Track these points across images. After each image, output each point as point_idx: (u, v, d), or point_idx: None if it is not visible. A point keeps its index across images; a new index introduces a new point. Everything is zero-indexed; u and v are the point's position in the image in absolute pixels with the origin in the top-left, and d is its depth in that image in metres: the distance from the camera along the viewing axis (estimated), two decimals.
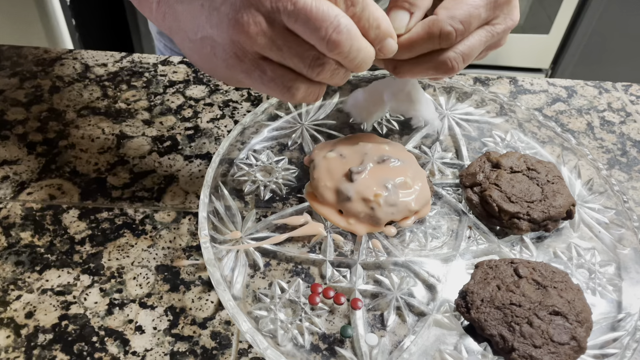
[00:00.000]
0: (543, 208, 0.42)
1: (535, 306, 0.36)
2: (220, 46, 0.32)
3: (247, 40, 0.31)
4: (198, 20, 0.32)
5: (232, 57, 0.32)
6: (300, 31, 0.30)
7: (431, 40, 0.37)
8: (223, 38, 0.31)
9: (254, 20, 0.30)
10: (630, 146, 0.53)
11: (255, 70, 0.32)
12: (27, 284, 0.38)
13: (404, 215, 0.41)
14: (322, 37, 0.30)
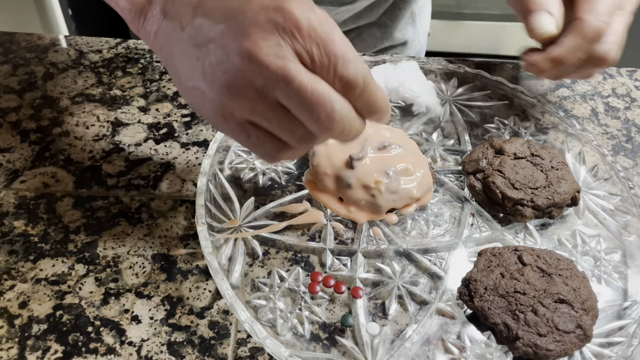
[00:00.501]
0: (547, 195, 0.41)
1: (539, 294, 0.35)
2: (210, 102, 0.30)
3: (236, 106, 0.29)
4: (192, 69, 0.30)
5: (219, 116, 0.30)
6: (293, 109, 0.29)
7: (586, 42, 0.41)
8: (213, 97, 0.30)
9: (246, 90, 0.28)
10: (635, 132, 0.52)
11: (241, 132, 0.30)
12: (20, 273, 0.38)
13: (406, 202, 0.40)
14: (315, 120, 0.29)
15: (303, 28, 0.28)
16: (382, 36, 0.69)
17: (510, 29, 1.75)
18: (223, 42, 0.28)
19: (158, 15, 0.32)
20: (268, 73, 0.27)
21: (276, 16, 0.27)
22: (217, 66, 0.29)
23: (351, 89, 0.29)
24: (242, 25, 0.28)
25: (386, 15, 0.68)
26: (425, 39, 0.77)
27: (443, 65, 0.53)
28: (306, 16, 0.28)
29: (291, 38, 0.27)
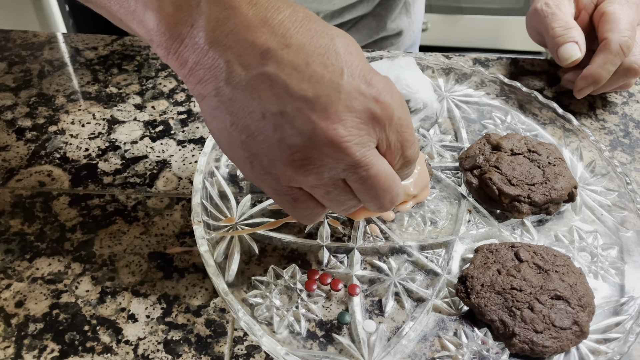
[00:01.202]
0: (544, 191, 0.41)
1: (536, 291, 0.35)
2: (261, 164, 0.28)
3: (299, 179, 0.28)
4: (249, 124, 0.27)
5: (271, 178, 0.29)
6: (359, 191, 0.30)
7: (614, 56, 0.48)
8: (271, 162, 0.28)
9: (319, 170, 0.28)
10: (633, 127, 0.52)
11: (286, 195, 0.30)
12: (17, 272, 0.38)
13: (403, 199, 0.40)
14: (378, 202, 0.30)
15: (394, 120, 0.28)
16: (377, 26, 0.69)
17: (509, 23, 1.75)
18: (308, 116, 0.26)
19: (201, 43, 0.27)
20: (349, 160, 0.27)
21: (374, 106, 0.27)
22: (292, 137, 0.27)
23: (407, 167, 0.31)
24: (336, 106, 0.26)
25: (381, 5, 0.68)
26: (419, 29, 0.77)
27: (440, 61, 0.53)
28: (398, 109, 0.28)
29: (382, 129, 0.28)
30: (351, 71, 0.27)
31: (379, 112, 0.27)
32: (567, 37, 0.49)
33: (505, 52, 1.78)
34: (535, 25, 0.53)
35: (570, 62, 0.50)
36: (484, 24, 1.78)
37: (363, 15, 0.68)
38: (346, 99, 0.26)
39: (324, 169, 0.28)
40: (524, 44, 1.78)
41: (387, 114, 0.27)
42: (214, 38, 0.26)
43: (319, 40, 0.26)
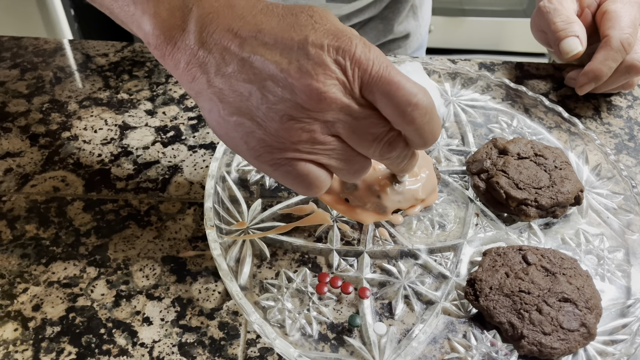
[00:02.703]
0: (551, 194, 0.42)
1: (544, 293, 0.36)
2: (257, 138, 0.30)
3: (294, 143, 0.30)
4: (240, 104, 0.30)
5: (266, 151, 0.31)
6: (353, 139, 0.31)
7: (615, 53, 0.48)
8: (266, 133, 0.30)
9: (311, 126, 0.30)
10: (637, 130, 0.52)
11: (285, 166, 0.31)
12: (33, 276, 0.38)
13: (411, 203, 0.41)
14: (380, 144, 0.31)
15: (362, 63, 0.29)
16: (385, 29, 0.70)
17: (512, 24, 1.75)
18: (286, 80, 0.29)
19: (192, 45, 0.30)
20: (334, 105, 0.29)
21: (339, 57, 0.29)
22: (278, 104, 0.29)
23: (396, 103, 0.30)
24: (306, 66, 0.29)
25: (388, 8, 0.69)
26: (426, 31, 0.78)
27: (446, 66, 0.53)
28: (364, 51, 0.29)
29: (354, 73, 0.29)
30: (315, 34, 0.29)
31: (344, 62, 0.29)
32: (569, 31, 0.50)
33: (508, 54, 1.79)
34: (538, 23, 0.54)
35: (571, 55, 0.50)
36: (487, 26, 1.78)
37: (370, 18, 0.69)
38: (314, 56, 0.29)
39: (315, 124, 0.30)
40: (526, 45, 1.78)
41: (353, 59, 0.29)
42: (202, 39, 0.30)
43: (285, 19, 0.30)
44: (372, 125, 0.30)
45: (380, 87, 0.29)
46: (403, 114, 0.29)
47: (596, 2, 0.53)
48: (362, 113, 0.30)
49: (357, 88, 0.29)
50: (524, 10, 1.77)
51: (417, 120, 0.30)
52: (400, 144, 0.32)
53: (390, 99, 0.29)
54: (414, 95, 0.29)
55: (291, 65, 0.29)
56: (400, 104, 0.29)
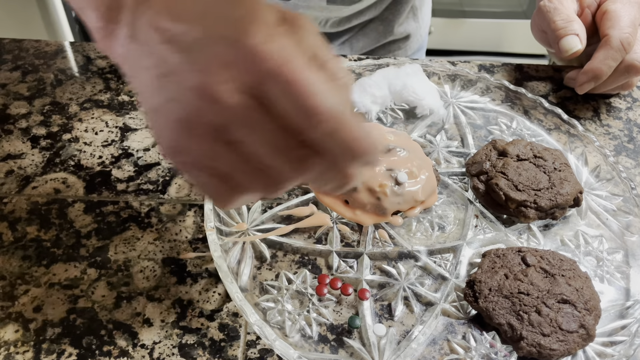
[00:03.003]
0: (550, 196, 0.42)
1: (543, 295, 0.36)
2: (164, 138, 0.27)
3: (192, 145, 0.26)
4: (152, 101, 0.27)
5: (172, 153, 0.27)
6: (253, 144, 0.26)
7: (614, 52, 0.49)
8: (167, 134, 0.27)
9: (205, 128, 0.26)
10: (637, 132, 0.52)
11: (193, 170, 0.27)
12: (34, 278, 0.38)
13: (411, 205, 0.41)
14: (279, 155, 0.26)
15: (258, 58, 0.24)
16: (385, 30, 0.70)
17: (511, 26, 1.76)
18: (180, 75, 0.26)
19: (125, 37, 0.29)
20: (226, 108, 0.25)
21: (231, 50, 0.25)
22: (173, 102, 0.26)
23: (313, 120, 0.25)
24: (199, 57, 0.25)
25: (388, 10, 0.69)
26: (426, 33, 0.78)
27: (446, 68, 0.54)
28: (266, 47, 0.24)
29: (247, 72, 0.25)
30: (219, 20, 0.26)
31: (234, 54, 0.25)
32: (568, 30, 0.50)
33: (508, 55, 1.79)
34: (538, 23, 0.55)
35: (570, 53, 0.50)
36: (487, 28, 1.78)
37: (371, 19, 0.69)
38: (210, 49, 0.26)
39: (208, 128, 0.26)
40: (526, 47, 1.79)
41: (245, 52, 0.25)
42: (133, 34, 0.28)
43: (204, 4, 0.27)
44: (275, 134, 0.25)
45: (277, 86, 0.24)
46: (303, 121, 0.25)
47: (596, 2, 0.53)
48: (262, 117, 0.25)
49: (254, 87, 0.25)
50: (524, 11, 1.77)
51: (318, 127, 0.24)
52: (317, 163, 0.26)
53: (288, 101, 0.24)
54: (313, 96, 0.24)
55: (187, 61, 0.25)
56: (297, 109, 0.24)
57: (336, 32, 0.68)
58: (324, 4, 0.61)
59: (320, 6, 0.62)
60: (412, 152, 0.43)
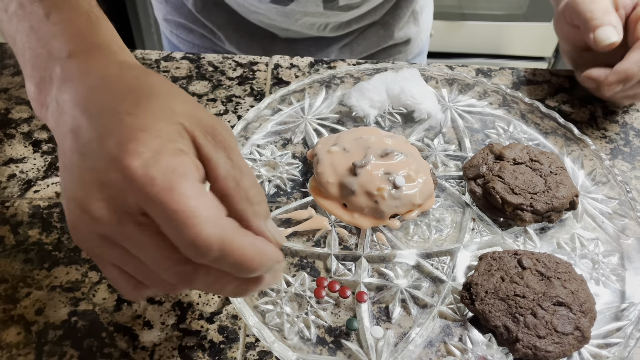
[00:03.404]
0: (546, 199, 0.42)
1: (539, 297, 0.36)
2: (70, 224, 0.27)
3: None
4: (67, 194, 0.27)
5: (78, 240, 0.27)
6: None
7: None
8: None
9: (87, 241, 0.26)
10: (633, 136, 0.53)
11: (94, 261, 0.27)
12: (36, 281, 0.39)
13: (408, 208, 0.42)
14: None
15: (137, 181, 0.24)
16: (385, 35, 0.71)
17: (511, 28, 1.76)
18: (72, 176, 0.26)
19: (54, 110, 0.29)
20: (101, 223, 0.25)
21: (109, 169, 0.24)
22: (68, 200, 0.26)
23: None
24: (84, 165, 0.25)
25: (389, 14, 0.69)
26: (427, 37, 0.79)
27: (444, 72, 0.54)
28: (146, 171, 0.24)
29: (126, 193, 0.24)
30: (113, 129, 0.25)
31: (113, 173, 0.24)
32: (605, 20, 0.48)
33: (508, 58, 1.79)
34: (568, 16, 0.52)
35: (606, 44, 0.48)
36: (487, 30, 1.79)
37: (371, 23, 0.69)
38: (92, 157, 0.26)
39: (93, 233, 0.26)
40: (526, 49, 1.79)
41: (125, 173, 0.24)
42: (54, 114, 0.29)
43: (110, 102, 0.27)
44: (154, 250, 0.25)
45: (158, 213, 0.23)
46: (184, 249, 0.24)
47: (632, 3, 0.51)
48: (138, 235, 0.25)
49: (133, 206, 0.24)
50: (524, 14, 1.77)
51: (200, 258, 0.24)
52: (201, 276, 0.25)
53: (168, 229, 0.24)
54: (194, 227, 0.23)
55: (80, 157, 0.25)
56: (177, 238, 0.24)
57: (336, 37, 0.69)
58: (321, 9, 0.62)
59: (318, 12, 0.62)
60: (409, 156, 0.43)
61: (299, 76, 0.56)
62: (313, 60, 0.58)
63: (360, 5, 0.64)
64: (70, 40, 0.31)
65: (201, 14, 0.68)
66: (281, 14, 0.63)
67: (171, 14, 0.71)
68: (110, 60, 0.31)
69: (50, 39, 0.31)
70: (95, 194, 0.25)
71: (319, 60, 0.58)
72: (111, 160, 0.24)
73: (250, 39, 0.68)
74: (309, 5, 0.61)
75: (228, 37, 0.69)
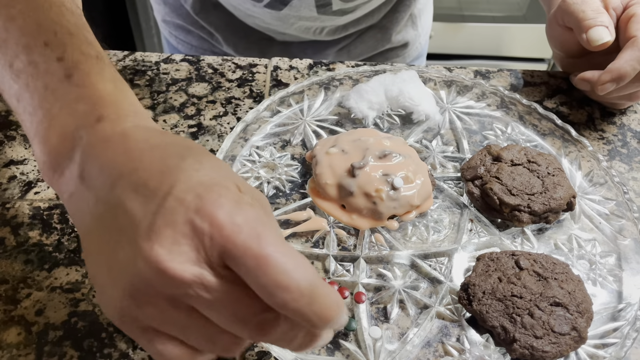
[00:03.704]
0: (544, 200, 0.42)
1: (536, 297, 0.36)
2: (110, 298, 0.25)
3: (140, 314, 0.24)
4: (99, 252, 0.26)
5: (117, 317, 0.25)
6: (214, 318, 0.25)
7: None
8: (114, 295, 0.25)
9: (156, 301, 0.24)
10: (631, 137, 0.53)
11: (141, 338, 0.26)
12: (36, 282, 0.39)
13: (406, 209, 0.42)
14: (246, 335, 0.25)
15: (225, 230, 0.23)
16: (383, 38, 0.71)
17: (511, 30, 1.76)
18: (132, 236, 0.24)
19: (75, 177, 0.27)
20: (178, 281, 0.23)
21: (194, 216, 0.23)
22: (126, 265, 0.24)
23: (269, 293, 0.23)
24: (157, 223, 0.24)
25: (386, 18, 0.69)
26: (426, 40, 0.79)
27: (442, 74, 0.54)
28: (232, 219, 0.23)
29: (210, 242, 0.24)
30: (185, 184, 0.24)
31: (200, 222, 0.23)
32: (598, 21, 0.49)
33: (507, 59, 1.80)
34: (560, 18, 0.53)
35: (599, 44, 0.48)
36: (487, 32, 1.79)
37: (368, 27, 0.69)
38: (168, 213, 0.24)
39: (161, 299, 0.24)
40: (526, 51, 1.79)
41: (213, 222, 0.23)
42: (83, 174, 0.27)
43: (168, 160, 0.26)
44: (235, 303, 0.24)
45: (246, 261, 0.23)
46: (272, 297, 0.23)
47: (622, 5, 0.52)
48: (221, 287, 0.24)
49: (216, 257, 0.24)
50: (523, 16, 1.78)
51: (289, 304, 0.23)
52: (280, 324, 0.25)
53: (256, 277, 0.23)
54: (285, 273, 0.23)
55: (144, 219, 0.24)
56: (267, 285, 0.23)
57: (333, 40, 0.69)
58: (315, 14, 0.62)
59: (312, 16, 0.62)
60: (407, 158, 0.44)
61: (298, 78, 0.56)
62: (312, 62, 0.58)
63: (355, 10, 0.64)
64: (99, 104, 0.29)
65: (199, 15, 0.68)
66: (276, 18, 0.63)
67: (170, 16, 0.72)
68: (146, 125, 0.29)
69: (72, 102, 0.29)
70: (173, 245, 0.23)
71: (317, 62, 0.58)
72: (195, 212, 0.23)
73: (248, 42, 0.68)
74: (303, 9, 0.61)
75: (226, 39, 0.69)
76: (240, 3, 0.63)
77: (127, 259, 0.24)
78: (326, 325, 0.24)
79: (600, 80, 0.48)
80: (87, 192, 0.26)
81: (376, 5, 0.66)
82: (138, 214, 0.24)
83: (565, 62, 0.57)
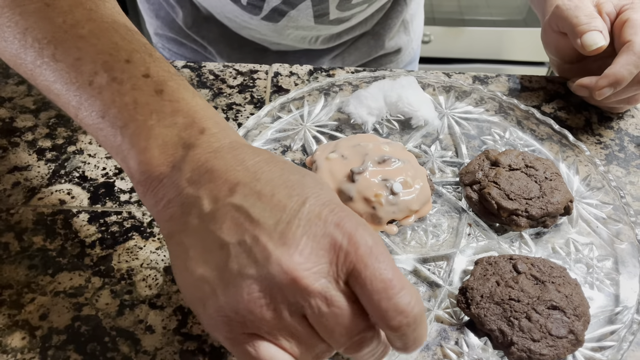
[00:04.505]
0: (541, 205, 0.43)
1: (533, 301, 0.37)
2: (216, 303, 0.26)
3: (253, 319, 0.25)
4: (207, 257, 0.26)
5: (222, 322, 0.26)
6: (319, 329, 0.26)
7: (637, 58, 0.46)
8: (226, 300, 0.25)
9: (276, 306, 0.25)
10: (628, 141, 0.53)
11: (242, 345, 0.26)
12: (40, 286, 0.40)
13: (405, 214, 0.42)
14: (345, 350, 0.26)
15: (360, 249, 0.25)
16: (376, 44, 0.71)
17: (511, 34, 1.77)
18: (265, 245, 0.25)
19: (179, 183, 0.27)
20: (306, 291, 0.24)
21: (335, 232, 0.25)
22: (249, 268, 0.25)
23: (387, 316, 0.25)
24: (293, 232, 0.24)
25: (379, 24, 0.70)
26: (419, 45, 0.79)
27: (440, 79, 0.55)
28: (366, 238, 0.25)
29: (346, 258, 0.25)
30: (316, 200, 0.26)
31: (340, 238, 0.25)
32: (592, 26, 0.49)
33: (507, 63, 1.80)
34: (554, 23, 0.53)
35: (594, 49, 0.49)
36: (487, 36, 1.80)
37: (361, 34, 0.70)
38: (305, 224, 0.25)
39: (283, 304, 0.25)
40: (526, 54, 1.80)
41: (351, 240, 0.25)
42: (193, 178, 0.27)
43: (289, 175, 0.27)
44: (347, 319, 0.25)
45: (373, 283, 0.24)
46: (389, 320, 0.25)
47: (616, 10, 0.52)
48: (340, 303, 0.25)
49: (344, 273, 0.25)
50: (523, 19, 1.79)
51: (403, 329, 0.25)
52: (374, 342, 0.26)
53: (379, 300, 0.24)
54: (406, 299, 0.25)
55: (276, 226, 0.25)
56: (388, 309, 0.24)
57: (327, 48, 0.69)
58: (312, 23, 0.62)
59: (309, 26, 0.63)
60: (406, 163, 0.44)
61: (298, 84, 0.57)
62: (312, 69, 0.59)
63: (351, 18, 0.65)
64: (197, 117, 0.29)
65: (191, 29, 0.68)
66: (272, 29, 0.63)
67: (162, 29, 0.72)
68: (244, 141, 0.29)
69: (168, 115, 0.29)
70: (314, 260, 0.24)
71: (317, 68, 0.59)
72: (335, 226, 0.25)
73: (241, 53, 0.69)
74: (300, 20, 0.62)
75: (219, 51, 0.69)
76: (237, 15, 0.63)
77: (252, 263, 0.25)
78: (418, 346, 0.26)
79: (598, 86, 0.48)
80: (195, 196, 0.27)
81: (371, 12, 0.66)
82: (267, 221, 0.25)
83: (561, 67, 0.58)
